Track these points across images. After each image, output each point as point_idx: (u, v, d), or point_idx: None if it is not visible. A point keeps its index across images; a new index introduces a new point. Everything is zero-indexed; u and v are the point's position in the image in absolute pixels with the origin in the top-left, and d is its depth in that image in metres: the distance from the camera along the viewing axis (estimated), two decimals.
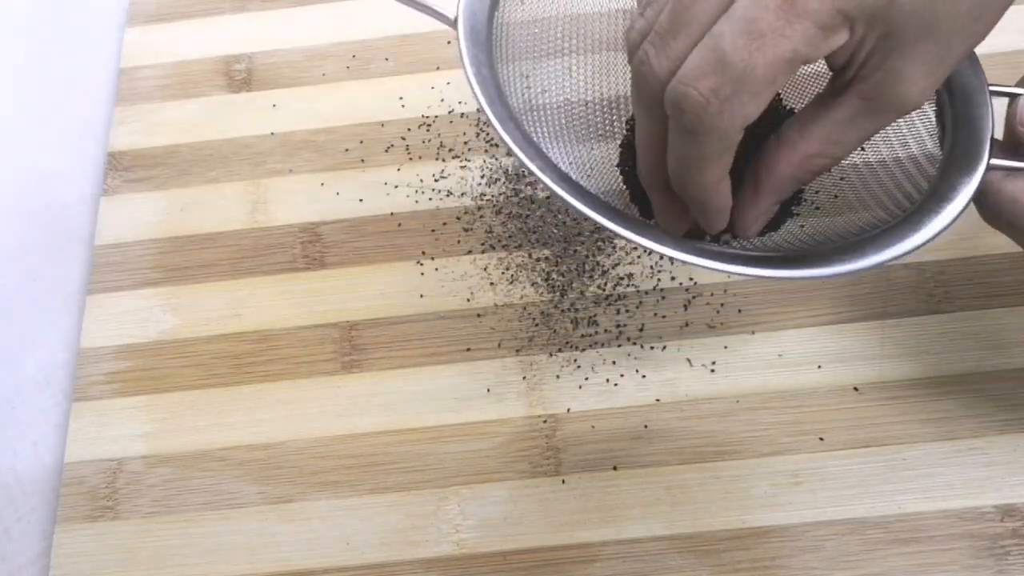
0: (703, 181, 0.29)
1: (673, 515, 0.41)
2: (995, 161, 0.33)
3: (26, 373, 0.46)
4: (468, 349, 0.46)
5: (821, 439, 0.42)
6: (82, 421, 0.46)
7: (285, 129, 0.54)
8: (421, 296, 0.48)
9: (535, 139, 0.34)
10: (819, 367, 0.44)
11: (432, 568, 0.41)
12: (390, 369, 0.46)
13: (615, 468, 0.42)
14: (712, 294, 0.46)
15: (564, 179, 0.32)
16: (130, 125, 0.55)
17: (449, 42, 0.55)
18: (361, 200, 0.51)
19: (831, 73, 0.30)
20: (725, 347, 0.45)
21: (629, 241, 0.31)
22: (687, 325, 0.46)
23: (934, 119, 0.35)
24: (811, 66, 0.37)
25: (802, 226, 0.37)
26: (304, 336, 0.47)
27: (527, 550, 0.41)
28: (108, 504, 0.44)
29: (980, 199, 0.33)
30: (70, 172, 0.53)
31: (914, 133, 0.36)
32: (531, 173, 0.31)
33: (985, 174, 0.33)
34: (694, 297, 0.46)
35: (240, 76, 0.56)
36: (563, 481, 0.42)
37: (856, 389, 0.43)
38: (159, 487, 0.44)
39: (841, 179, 0.38)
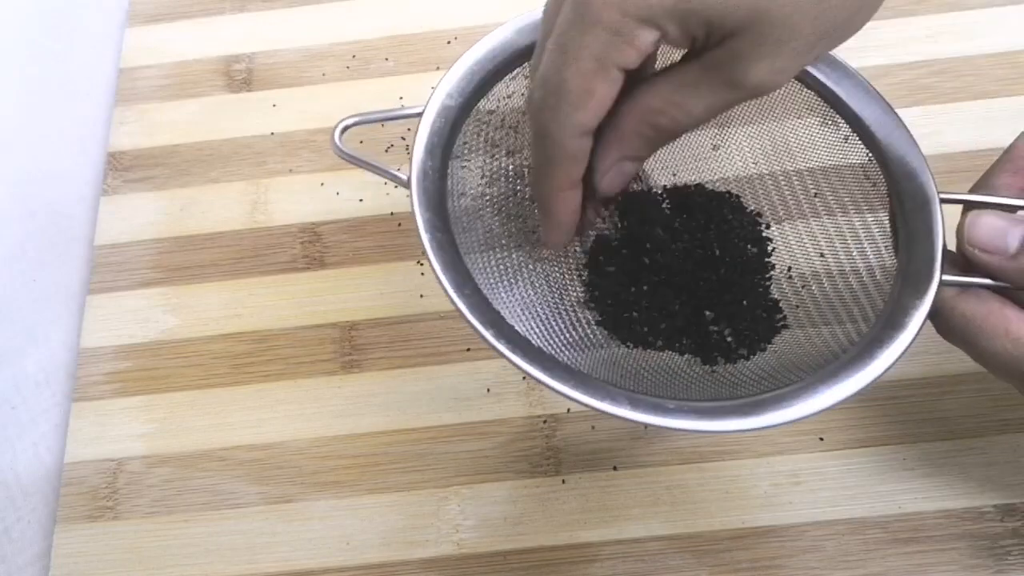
0: (545, 186, 0.32)
1: (673, 515, 0.41)
2: (947, 278, 0.32)
3: (26, 373, 0.46)
4: (468, 349, 0.46)
5: (821, 439, 0.42)
6: (82, 421, 0.46)
7: (285, 129, 0.54)
8: (421, 296, 0.48)
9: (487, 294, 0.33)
10: None
11: (432, 568, 0.41)
12: (390, 369, 0.46)
13: (615, 468, 0.42)
14: None
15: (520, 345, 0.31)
16: (130, 125, 0.55)
17: (449, 42, 0.55)
18: (361, 200, 0.51)
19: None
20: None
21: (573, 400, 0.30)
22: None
23: (888, 228, 0.35)
24: None
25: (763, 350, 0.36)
26: (304, 336, 0.47)
27: (527, 550, 0.41)
28: (108, 504, 0.44)
29: (934, 316, 0.32)
30: (70, 172, 0.53)
31: (871, 242, 0.36)
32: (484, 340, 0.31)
33: (939, 291, 0.32)
34: None
35: (240, 76, 0.56)
36: (563, 481, 0.42)
37: None
38: (159, 487, 0.44)
39: (802, 287, 0.38)
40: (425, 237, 0.32)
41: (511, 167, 0.39)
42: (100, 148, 0.54)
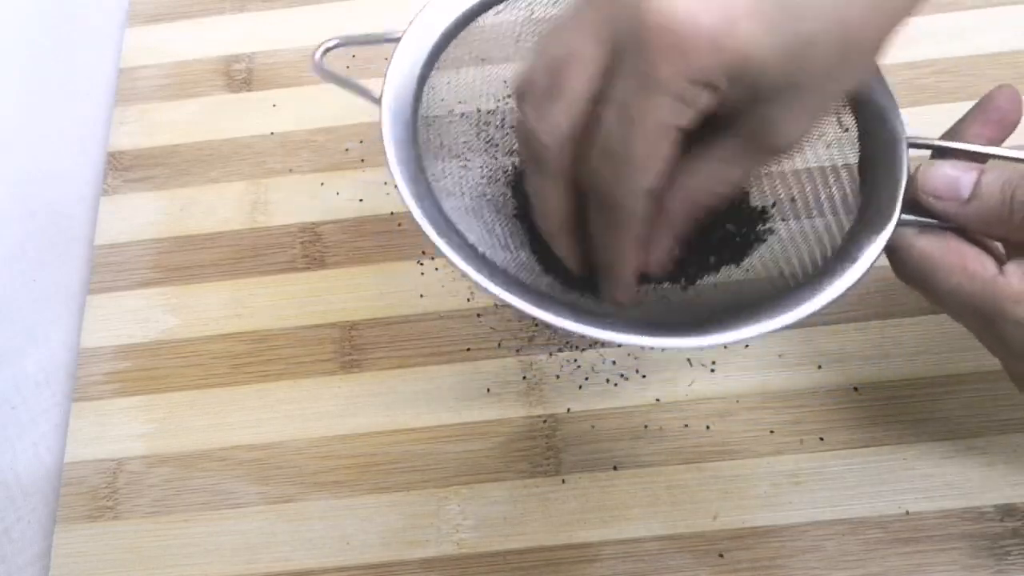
0: (613, 250, 0.32)
1: (673, 515, 0.41)
2: (906, 216, 0.32)
3: (26, 373, 0.46)
4: (468, 349, 0.46)
5: (821, 439, 0.42)
6: (82, 421, 0.46)
7: (285, 129, 0.54)
8: (421, 296, 0.48)
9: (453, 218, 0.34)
10: (819, 367, 0.44)
11: (432, 568, 0.41)
12: (390, 369, 0.46)
13: (615, 468, 0.42)
14: None
15: (489, 267, 0.33)
16: (130, 125, 0.55)
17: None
18: (361, 200, 0.51)
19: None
20: (725, 347, 0.45)
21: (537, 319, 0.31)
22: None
23: (857, 174, 0.35)
24: None
25: (715, 286, 0.37)
26: (304, 336, 0.47)
27: (527, 550, 0.41)
28: (108, 504, 0.44)
29: (892, 254, 0.33)
30: (70, 172, 0.53)
31: (839, 185, 0.36)
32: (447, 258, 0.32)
33: (898, 229, 0.32)
34: None
35: (240, 76, 0.56)
36: (563, 481, 0.42)
37: (856, 389, 0.43)
38: (159, 487, 0.44)
39: (768, 230, 0.38)
40: (391, 149, 0.34)
41: (486, 104, 0.40)
42: (100, 148, 0.54)
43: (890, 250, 0.33)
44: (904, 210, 0.33)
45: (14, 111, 0.50)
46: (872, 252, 0.32)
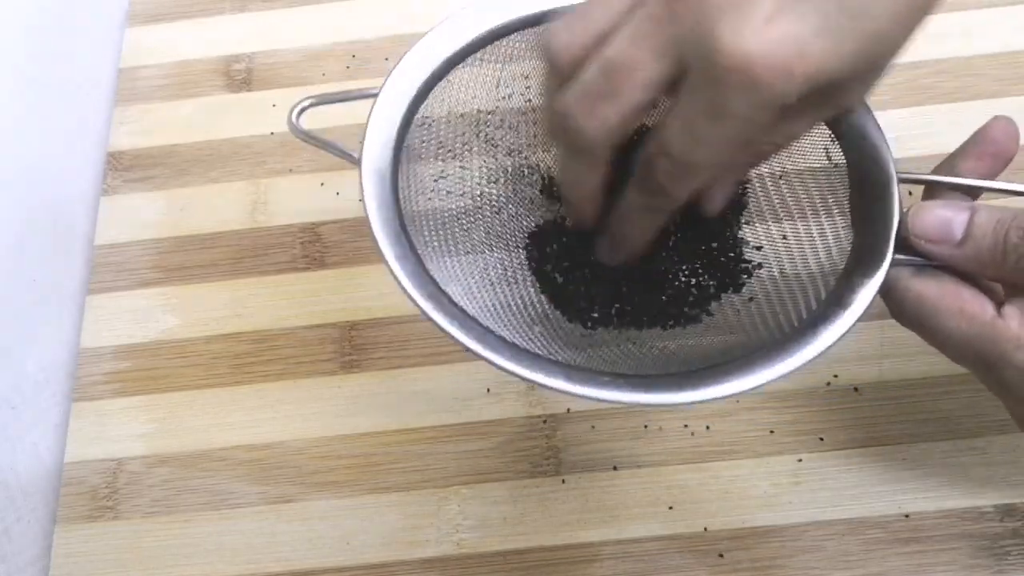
0: (645, 224, 0.33)
1: (673, 515, 0.41)
2: (900, 256, 0.32)
3: (26, 373, 0.46)
4: (468, 349, 0.46)
5: (821, 439, 0.42)
6: (82, 421, 0.46)
7: (285, 129, 0.53)
8: None
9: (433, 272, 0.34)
10: (819, 367, 0.44)
11: (432, 568, 0.41)
12: (390, 369, 0.46)
13: (615, 468, 0.42)
14: None
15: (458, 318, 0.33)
16: (130, 125, 0.55)
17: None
18: (361, 200, 0.51)
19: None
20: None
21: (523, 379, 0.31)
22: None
23: (850, 218, 0.34)
24: None
25: (706, 329, 0.36)
26: (304, 336, 0.47)
27: (527, 550, 0.41)
28: (108, 504, 0.44)
29: (887, 296, 0.32)
30: (70, 172, 0.53)
31: (831, 224, 0.35)
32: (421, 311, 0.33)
33: (891, 270, 0.31)
34: None
35: (240, 76, 0.56)
36: (563, 481, 0.42)
37: (856, 389, 0.43)
38: (159, 487, 0.44)
39: (761, 269, 0.37)
40: (373, 211, 0.34)
41: (468, 160, 0.40)
42: (100, 148, 0.54)
43: (885, 292, 0.32)
44: (898, 250, 0.32)
45: (14, 111, 0.50)
46: (866, 295, 0.31)
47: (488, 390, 0.45)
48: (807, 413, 0.43)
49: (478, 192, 0.40)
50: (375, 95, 0.35)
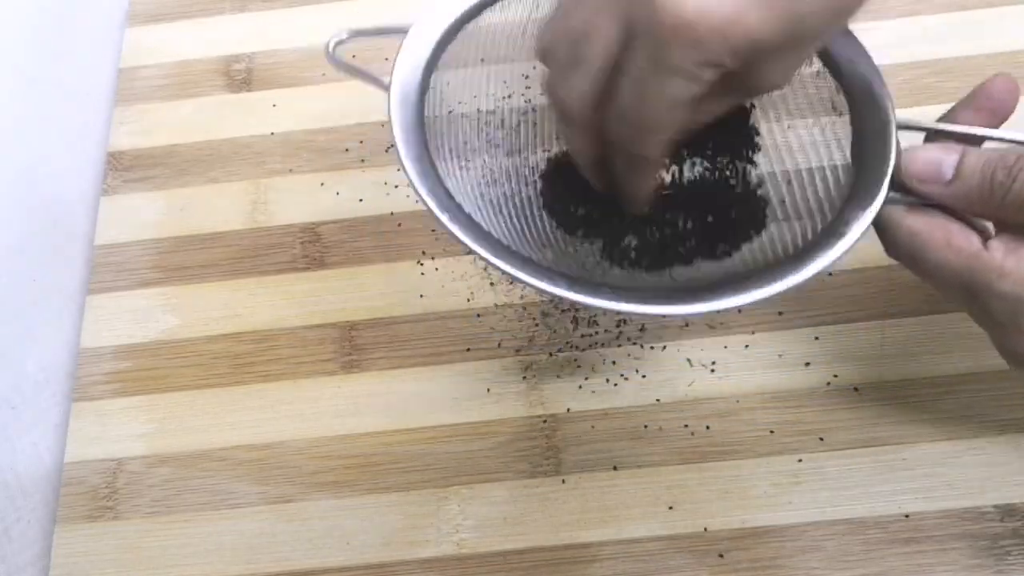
0: (635, 181, 0.36)
1: (673, 515, 0.41)
2: (894, 195, 0.34)
3: (26, 373, 0.46)
4: (468, 349, 0.46)
5: (821, 439, 0.42)
6: (82, 421, 0.46)
7: (285, 129, 0.54)
8: (421, 296, 0.48)
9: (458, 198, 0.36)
10: (819, 367, 0.44)
11: (432, 568, 0.41)
12: (390, 369, 0.46)
13: (615, 468, 0.42)
14: None
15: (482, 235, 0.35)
16: (130, 125, 0.55)
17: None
18: (361, 200, 0.51)
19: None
20: (725, 347, 0.45)
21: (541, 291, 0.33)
22: (687, 325, 0.46)
23: (848, 157, 0.36)
24: None
25: (713, 255, 0.38)
26: (304, 336, 0.47)
27: (527, 550, 0.41)
28: (108, 504, 0.44)
29: (881, 231, 0.34)
30: (70, 172, 0.53)
31: (832, 168, 0.37)
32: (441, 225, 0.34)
33: (885, 207, 0.33)
34: None
35: (240, 76, 0.56)
36: (563, 481, 0.42)
37: (856, 389, 0.43)
38: (159, 487, 0.44)
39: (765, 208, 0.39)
40: (399, 135, 0.36)
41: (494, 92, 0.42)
42: (100, 148, 0.54)
43: (880, 228, 0.34)
44: (893, 190, 0.34)
45: (14, 111, 0.50)
46: (860, 226, 0.33)
47: (488, 390, 0.45)
48: (807, 413, 0.43)
49: (502, 126, 0.42)
50: (407, 30, 0.38)
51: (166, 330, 0.48)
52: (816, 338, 0.45)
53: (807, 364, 0.44)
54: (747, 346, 0.45)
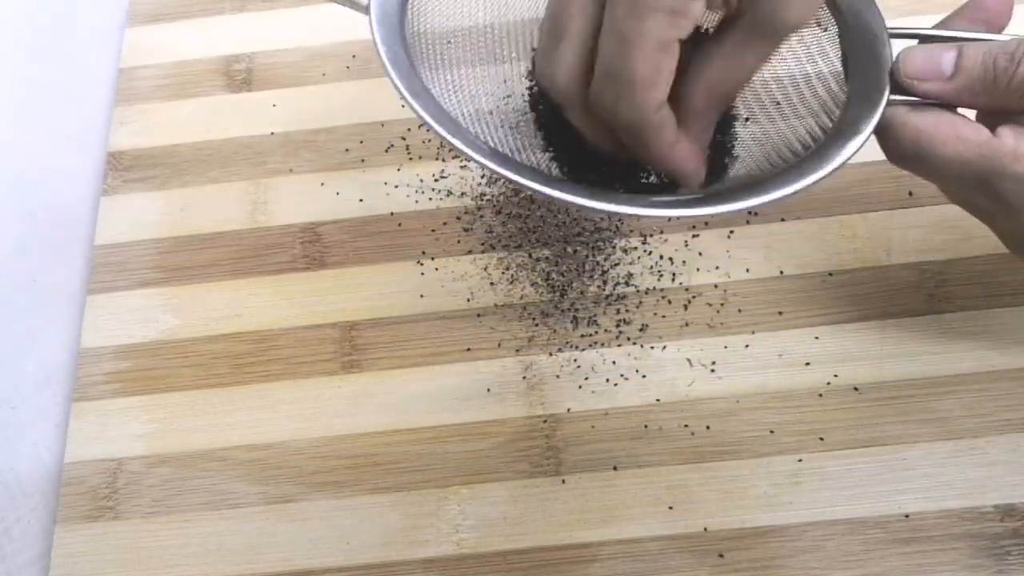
0: (659, 158, 0.33)
1: (673, 515, 0.41)
2: (895, 96, 0.34)
3: (26, 373, 0.46)
4: (468, 349, 0.46)
5: (821, 439, 0.42)
6: (82, 421, 0.46)
7: (285, 129, 0.54)
8: (421, 296, 0.48)
9: (453, 113, 0.35)
10: (818, 367, 0.44)
11: (432, 568, 0.41)
12: (390, 369, 0.46)
13: (615, 468, 0.42)
14: (712, 294, 0.46)
15: (483, 150, 0.34)
16: (130, 125, 0.55)
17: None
18: (361, 200, 0.51)
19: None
20: (725, 347, 0.45)
21: (551, 198, 0.32)
22: (687, 325, 0.46)
23: (840, 68, 0.36)
24: None
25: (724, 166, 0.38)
26: (304, 336, 0.47)
27: (527, 550, 0.41)
28: (108, 504, 0.44)
29: (884, 134, 0.34)
30: (70, 172, 0.53)
31: (823, 82, 0.37)
32: (453, 147, 0.33)
33: (888, 110, 0.33)
34: (694, 297, 0.46)
35: (240, 76, 0.56)
36: (563, 481, 0.42)
37: (856, 389, 0.43)
38: (159, 487, 0.44)
39: (759, 129, 0.38)
40: (383, 50, 0.35)
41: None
42: (100, 148, 0.54)
43: (883, 130, 0.34)
44: (893, 93, 0.33)
45: (14, 111, 0.50)
46: (869, 124, 0.33)
47: (488, 390, 0.45)
48: (807, 413, 0.43)
49: (489, 51, 0.41)
50: None
51: (166, 330, 0.48)
52: (816, 338, 0.45)
53: (807, 364, 0.44)
54: (747, 346, 0.45)
